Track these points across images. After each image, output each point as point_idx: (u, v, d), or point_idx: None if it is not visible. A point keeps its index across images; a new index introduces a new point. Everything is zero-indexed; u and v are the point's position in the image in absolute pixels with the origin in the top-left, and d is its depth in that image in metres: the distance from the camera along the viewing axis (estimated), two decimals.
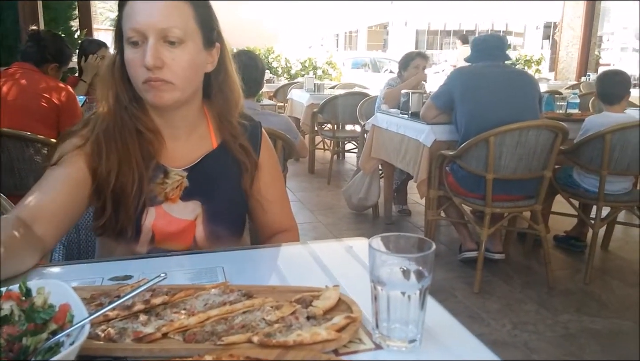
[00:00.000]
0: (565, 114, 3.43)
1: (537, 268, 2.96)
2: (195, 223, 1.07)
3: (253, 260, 1.01)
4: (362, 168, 3.70)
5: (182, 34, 0.96)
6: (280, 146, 2.23)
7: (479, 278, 2.65)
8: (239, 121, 1.13)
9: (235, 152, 1.10)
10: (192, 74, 1.01)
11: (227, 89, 1.11)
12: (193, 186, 1.06)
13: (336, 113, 4.85)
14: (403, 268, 0.66)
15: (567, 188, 2.96)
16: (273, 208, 1.19)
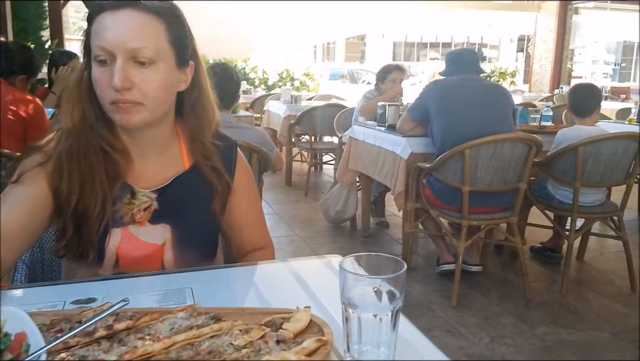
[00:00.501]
0: (539, 126, 3.48)
1: (514, 280, 2.97)
2: (163, 248, 1.02)
3: (224, 280, 0.98)
4: (340, 180, 3.69)
5: (153, 54, 0.92)
6: (255, 160, 2.20)
7: (456, 291, 2.64)
8: (212, 141, 1.08)
9: (207, 174, 1.06)
10: (163, 95, 0.96)
11: (201, 107, 1.06)
12: (162, 208, 1.02)
13: (313, 125, 4.84)
14: (374, 289, 0.65)
15: (542, 200, 2.99)
16: (248, 228, 1.16)
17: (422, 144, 2.96)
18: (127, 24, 0.91)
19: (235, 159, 1.13)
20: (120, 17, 0.91)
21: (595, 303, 2.70)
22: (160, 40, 0.94)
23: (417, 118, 2.94)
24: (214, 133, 1.10)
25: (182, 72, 1.01)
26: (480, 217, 2.73)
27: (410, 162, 2.94)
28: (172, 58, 0.97)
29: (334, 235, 3.74)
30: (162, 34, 0.94)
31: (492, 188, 2.67)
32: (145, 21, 0.93)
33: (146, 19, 0.93)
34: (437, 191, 2.81)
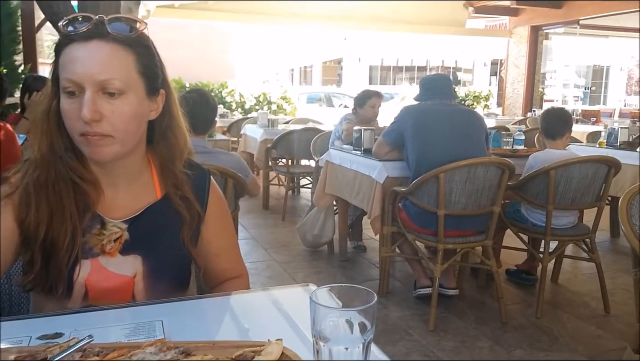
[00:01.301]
0: (511, 150, 3.55)
1: (490, 303, 2.99)
2: (134, 279, 1.00)
3: (195, 312, 0.96)
4: (316, 204, 3.69)
5: (122, 85, 0.91)
6: (231, 185, 2.19)
7: (433, 315, 2.64)
8: (182, 170, 1.07)
9: (176, 203, 1.04)
10: (133, 126, 0.95)
11: (172, 136, 1.05)
12: (134, 239, 1.00)
13: (290, 148, 4.85)
14: (345, 321, 0.64)
15: (515, 223, 3.03)
16: (222, 257, 1.14)
17: (397, 168, 2.99)
18: (95, 55, 0.90)
19: (208, 188, 1.12)
20: (88, 49, 0.90)
21: (570, 325, 2.72)
22: (130, 71, 0.94)
23: (392, 142, 2.97)
24: (185, 162, 1.09)
25: (153, 102, 1.00)
26: (456, 240, 2.75)
27: (386, 186, 2.96)
28: (142, 88, 0.96)
29: (312, 259, 3.73)
30: (131, 65, 0.94)
31: (466, 212, 2.70)
32: (114, 52, 0.92)
33: (115, 50, 0.92)
34: (413, 214, 2.83)
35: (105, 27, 0.92)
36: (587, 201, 2.87)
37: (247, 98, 8.48)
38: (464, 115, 2.98)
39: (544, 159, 2.85)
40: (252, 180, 2.42)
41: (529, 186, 2.86)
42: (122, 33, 0.93)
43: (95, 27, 0.92)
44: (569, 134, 3.02)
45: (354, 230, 3.99)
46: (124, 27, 0.94)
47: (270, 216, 4.94)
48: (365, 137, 3.32)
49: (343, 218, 3.70)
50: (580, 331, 2.65)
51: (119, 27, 0.93)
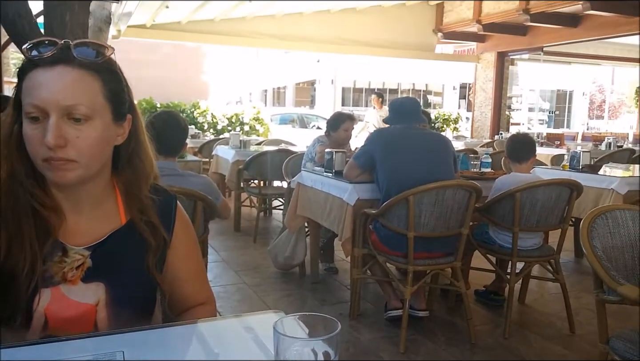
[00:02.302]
0: (479, 172, 3.62)
1: (460, 324, 3.01)
2: (96, 308, 0.98)
3: (158, 342, 0.94)
4: (288, 226, 3.68)
5: (88, 110, 0.90)
6: (200, 208, 2.17)
7: (404, 337, 2.65)
8: (148, 195, 1.06)
9: (141, 229, 1.03)
10: (98, 151, 0.94)
11: (138, 161, 1.05)
12: (96, 266, 0.98)
13: (262, 170, 4.84)
14: (309, 350, 0.64)
15: (483, 244, 3.08)
16: (188, 284, 1.13)
17: (368, 191, 3.02)
18: (61, 80, 0.89)
19: (174, 214, 1.11)
20: (54, 74, 0.90)
21: (537, 345, 2.77)
22: (96, 96, 0.93)
23: (362, 165, 3.00)
24: (151, 186, 1.08)
25: (119, 127, 0.99)
26: (425, 262, 2.78)
27: (356, 209, 2.97)
28: (108, 113, 0.95)
29: (283, 282, 3.70)
30: (98, 90, 0.93)
31: (435, 234, 2.73)
32: (80, 78, 0.91)
33: (81, 76, 0.91)
34: (383, 237, 2.85)
35: (71, 52, 0.91)
36: (551, 222, 2.94)
37: (219, 119, 8.45)
38: (432, 138, 3.04)
39: (510, 182, 2.92)
40: (222, 203, 2.40)
41: (495, 208, 2.92)
42: (88, 58, 0.93)
43: (61, 51, 0.91)
44: (533, 158, 3.11)
45: (325, 252, 3.99)
46: (90, 52, 0.94)
47: (241, 238, 4.89)
48: (336, 159, 3.34)
49: (314, 239, 3.70)
50: (546, 351, 2.69)
51: (85, 52, 0.93)
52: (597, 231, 1.83)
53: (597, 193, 3.67)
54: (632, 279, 1.82)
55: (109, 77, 0.96)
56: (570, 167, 4.02)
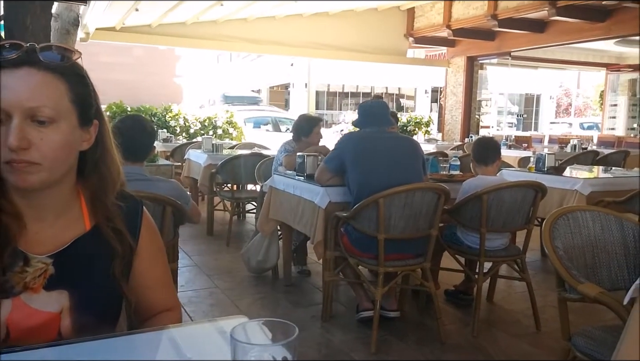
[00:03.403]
0: (448, 175, 3.69)
1: (430, 324, 3.06)
2: (60, 315, 0.96)
3: (120, 351, 0.93)
4: (261, 230, 3.68)
5: (53, 113, 0.90)
6: (169, 213, 2.16)
7: (375, 338, 2.68)
8: (114, 202, 1.05)
9: (108, 236, 1.02)
10: (62, 155, 0.93)
11: (104, 167, 1.03)
12: (60, 273, 0.96)
13: (235, 174, 4.83)
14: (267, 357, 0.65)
15: (452, 245, 3.14)
16: (154, 291, 1.12)
17: (340, 194, 3.04)
18: (25, 82, 0.89)
19: (140, 219, 1.10)
20: (18, 76, 0.89)
21: (504, 343, 2.83)
22: (62, 99, 0.92)
23: (333, 168, 3.02)
24: (118, 193, 1.08)
25: (85, 132, 0.99)
26: (396, 264, 2.82)
27: (328, 212, 3.00)
28: (74, 117, 0.95)
29: (256, 285, 3.70)
30: (63, 93, 0.93)
31: (405, 235, 2.78)
32: (45, 80, 0.91)
33: (46, 78, 0.91)
34: (354, 239, 2.88)
35: (37, 55, 0.90)
36: (517, 223, 3.02)
37: (191, 122, 8.38)
38: (402, 142, 3.08)
39: (477, 184, 2.98)
40: (192, 207, 2.39)
41: (463, 210, 2.98)
42: (54, 61, 0.92)
43: (26, 54, 0.90)
44: (498, 160, 3.18)
45: (298, 255, 4.00)
46: (55, 56, 0.93)
47: (214, 242, 4.87)
48: (308, 163, 3.36)
49: (287, 243, 3.71)
50: (513, 349, 2.76)
51: (51, 55, 0.93)
52: (559, 231, 1.89)
53: (562, 194, 3.78)
54: (592, 277, 1.89)
55: (75, 81, 0.95)
56: (536, 169, 4.13)
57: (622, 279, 1.88)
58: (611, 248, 1.92)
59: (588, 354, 1.71)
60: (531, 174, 4.05)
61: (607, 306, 1.59)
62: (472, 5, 8.66)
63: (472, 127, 10.47)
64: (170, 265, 2.46)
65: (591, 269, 1.90)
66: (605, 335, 1.76)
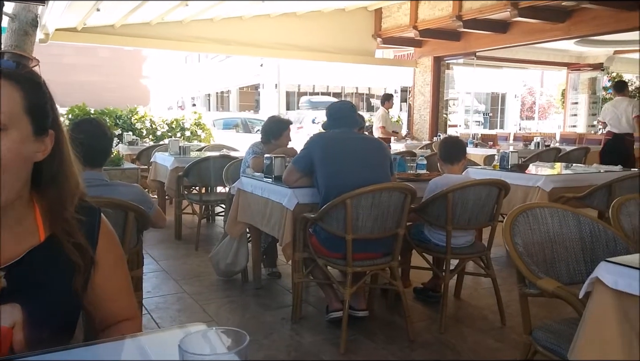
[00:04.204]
0: (415, 174, 3.73)
1: (399, 322, 3.09)
2: (12, 330, 0.92)
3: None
4: (229, 233, 3.65)
5: (5, 119, 0.87)
6: (132, 218, 2.12)
7: (344, 338, 2.69)
8: (74, 215, 1.02)
9: (68, 250, 0.99)
10: (15, 165, 0.90)
11: (62, 179, 1.00)
12: (12, 286, 0.93)
13: (203, 176, 4.78)
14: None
15: (420, 243, 3.18)
16: (112, 301, 1.10)
17: (307, 195, 3.04)
18: None
19: (97, 228, 1.08)
20: None
21: (471, 338, 2.88)
22: (15, 106, 0.90)
23: (301, 169, 3.02)
24: (77, 205, 1.04)
25: (41, 142, 0.96)
26: (364, 263, 2.84)
27: (296, 213, 2.99)
28: (28, 126, 0.92)
29: (225, 289, 3.66)
30: (17, 101, 0.90)
31: (373, 235, 2.79)
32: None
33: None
34: (323, 240, 2.88)
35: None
36: (482, 220, 3.07)
37: (158, 125, 8.25)
38: (369, 143, 3.10)
39: (443, 183, 3.03)
40: (156, 212, 2.36)
41: (430, 208, 3.02)
42: (9, 69, 0.90)
43: None
44: (464, 159, 3.24)
45: (268, 257, 3.98)
46: (10, 64, 0.92)
47: (182, 246, 4.80)
48: (276, 164, 3.35)
49: (256, 245, 3.69)
50: (479, 344, 2.81)
51: (5, 63, 0.91)
52: (519, 228, 1.94)
53: (525, 191, 3.87)
54: (551, 272, 1.94)
55: (30, 89, 0.93)
56: (500, 167, 4.21)
57: (580, 273, 1.94)
58: (569, 243, 1.97)
59: (548, 348, 1.75)
60: (496, 172, 4.13)
61: (565, 300, 1.63)
62: (438, 7, 8.78)
63: (440, 126, 10.61)
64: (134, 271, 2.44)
65: (550, 264, 1.95)
66: (564, 328, 1.81)
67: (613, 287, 1.37)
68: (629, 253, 1.87)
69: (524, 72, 19.91)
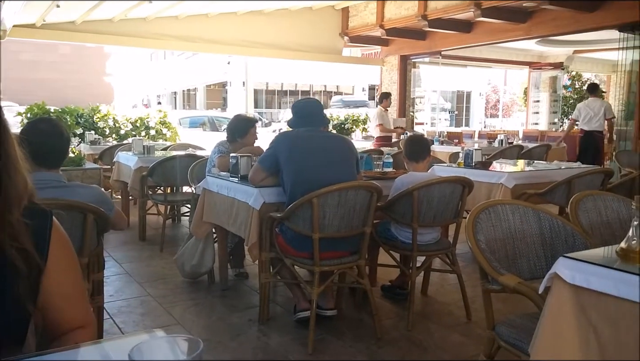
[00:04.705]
0: (381, 172, 3.74)
1: (367, 320, 3.09)
2: None
3: None
4: (194, 233, 3.59)
5: None
6: (91, 221, 2.06)
7: (312, 337, 2.68)
8: (20, 219, 0.97)
9: (12, 256, 0.95)
10: None
11: (9, 182, 0.96)
12: None
13: (167, 176, 4.69)
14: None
15: (387, 241, 3.19)
16: (65, 308, 1.06)
17: (274, 194, 3.02)
18: None
19: (48, 232, 1.03)
20: None
21: (437, 334, 2.91)
22: None
23: (267, 168, 3.00)
24: (25, 207, 1.00)
25: None
26: (331, 262, 2.83)
27: (262, 212, 2.96)
28: None
29: (190, 291, 3.60)
30: None
31: (340, 234, 2.79)
32: None
33: None
34: (289, 239, 2.86)
35: None
36: (447, 217, 3.11)
37: (122, 123, 8.06)
38: (335, 141, 3.10)
39: (408, 181, 3.05)
40: (116, 213, 2.29)
41: (396, 206, 3.04)
42: None
43: None
44: (429, 157, 3.27)
45: (235, 257, 3.94)
46: None
47: (147, 248, 4.70)
48: (242, 164, 3.31)
49: (222, 245, 3.64)
50: (446, 340, 2.84)
51: None
52: (481, 225, 1.97)
53: (489, 188, 3.95)
54: (513, 268, 1.97)
55: None
56: (465, 164, 4.28)
57: (540, 269, 1.98)
58: (530, 239, 2.01)
59: (510, 342, 1.78)
60: (460, 169, 4.20)
61: (525, 296, 1.66)
62: (404, 6, 8.85)
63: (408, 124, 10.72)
64: (95, 275, 2.37)
65: (512, 260, 1.98)
66: (526, 323, 1.85)
67: (570, 282, 1.40)
68: (587, 248, 1.92)
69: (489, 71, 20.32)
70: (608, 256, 1.47)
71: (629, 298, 1.29)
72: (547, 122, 12.67)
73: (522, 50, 12.13)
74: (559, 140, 8.26)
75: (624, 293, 1.30)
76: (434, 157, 4.89)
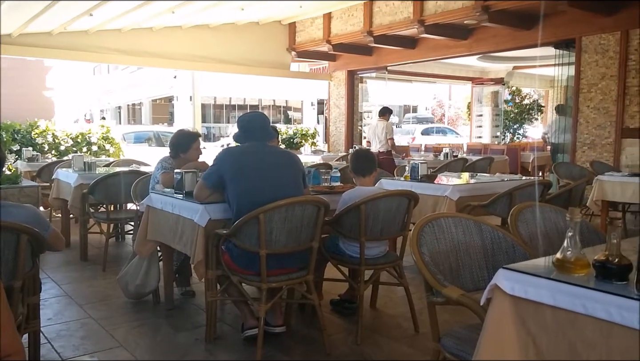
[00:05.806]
0: (329, 187, 3.76)
1: (316, 336, 3.07)
2: None
3: None
4: (138, 252, 3.47)
5: None
6: (25, 242, 1.95)
7: (259, 355, 2.63)
8: None
9: None
10: None
11: None
12: None
13: (110, 193, 4.53)
14: None
15: (335, 256, 3.20)
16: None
17: (220, 211, 2.97)
18: None
19: None
20: None
21: (386, 347, 2.93)
22: None
23: (212, 185, 2.95)
24: None
25: None
26: (279, 278, 2.80)
27: (208, 229, 2.91)
28: None
29: (135, 312, 3.47)
30: None
31: (287, 249, 2.77)
32: None
33: None
34: (236, 256, 2.82)
35: None
36: (394, 231, 3.15)
37: (62, 139, 7.75)
38: (281, 156, 3.08)
39: (355, 195, 3.07)
40: (52, 233, 2.19)
41: (343, 221, 3.05)
42: None
43: None
44: (375, 172, 3.31)
45: (181, 275, 3.83)
46: None
47: (88, 268, 4.51)
48: (186, 180, 3.24)
49: (168, 264, 3.54)
50: (394, 352, 2.86)
51: None
52: (425, 238, 2.00)
53: (434, 200, 4.04)
54: (456, 280, 2.01)
55: None
56: (411, 177, 4.36)
57: (483, 280, 2.03)
58: (472, 251, 2.07)
59: (455, 353, 1.81)
60: (407, 182, 4.27)
61: (468, 307, 1.70)
62: (350, 22, 9.02)
63: (356, 138, 10.87)
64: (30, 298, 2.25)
65: (456, 272, 2.03)
66: (469, 334, 1.88)
67: (510, 293, 1.44)
68: (526, 259, 1.98)
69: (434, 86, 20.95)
70: (545, 266, 1.53)
71: (565, 308, 1.34)
72: (490, 136, 13.16)
73: (465, 66, 12.60)
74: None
75: (560, 303, 1.35)
76: (382, 171, 4.96)
